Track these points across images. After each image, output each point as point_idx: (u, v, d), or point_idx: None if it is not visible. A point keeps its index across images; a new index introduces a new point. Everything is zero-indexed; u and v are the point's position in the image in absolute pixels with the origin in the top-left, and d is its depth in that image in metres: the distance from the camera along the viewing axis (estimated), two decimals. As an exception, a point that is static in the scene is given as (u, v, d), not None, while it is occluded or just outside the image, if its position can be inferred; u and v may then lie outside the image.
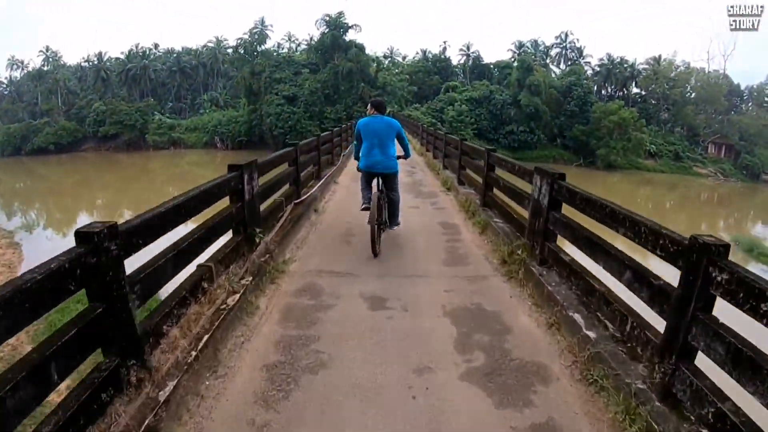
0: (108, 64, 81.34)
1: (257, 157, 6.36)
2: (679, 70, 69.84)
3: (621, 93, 73.00)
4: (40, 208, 35.62)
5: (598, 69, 73.68)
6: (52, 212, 33.99)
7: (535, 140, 54.77)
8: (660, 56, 72.58)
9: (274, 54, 63.40)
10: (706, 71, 72.68)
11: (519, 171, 6.37)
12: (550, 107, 55.23)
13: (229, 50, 74.03)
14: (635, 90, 75.06)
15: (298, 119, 52.28)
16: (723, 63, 74.80)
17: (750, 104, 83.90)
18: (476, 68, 76.98)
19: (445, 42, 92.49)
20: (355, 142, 6.84)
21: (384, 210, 6.56)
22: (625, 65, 72.65)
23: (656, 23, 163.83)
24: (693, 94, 67.94)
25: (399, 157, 6.70)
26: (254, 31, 63.15)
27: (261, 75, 56.04)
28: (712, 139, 66.79)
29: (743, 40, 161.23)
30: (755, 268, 22.71)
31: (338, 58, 54.66)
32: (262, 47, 63.14)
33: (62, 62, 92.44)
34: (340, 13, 56.37)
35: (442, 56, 78.83)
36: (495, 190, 8.06)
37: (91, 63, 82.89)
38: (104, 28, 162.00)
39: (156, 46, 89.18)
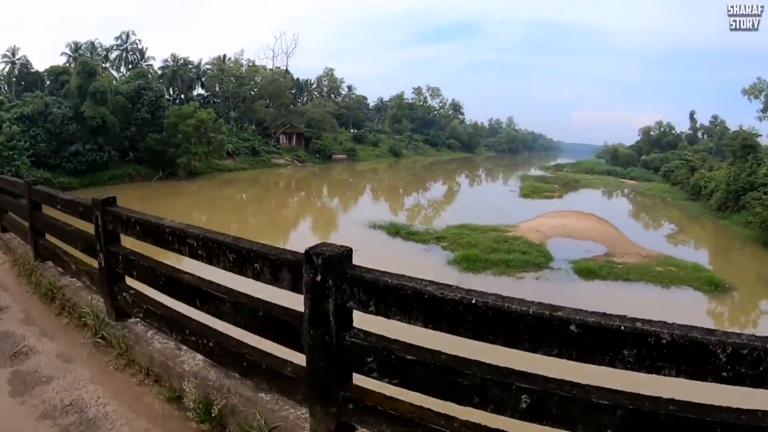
0: None
1: None
2: (245, 68, 73.07)
3: (185, 95, 71.87)
4: None
5: (162, 72, 70.69)
6: None
7: (105, 159, 46.61)
8: (225, 56, 74.64)
9: None
10: (271, 68, 78.13)
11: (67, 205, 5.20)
12: (119, 117, 48.46)
13: None
14: (201, 91, 75.59)
15: None
16: (286, 60, 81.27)
17: (305, 96, 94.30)
18: (25, 78, 65.41)
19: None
20: None
21: None
22: (190, 66, 72.40)
23: (224, 24, 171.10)
24: (260, 90, 71.41)
25: None
26: None
27: None
28: (283, 130, 71.90)
29: (303, 41, 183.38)
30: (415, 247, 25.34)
31: None
32: None
33: None
34: None
35: (-21, 65, 64.73)
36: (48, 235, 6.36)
37: None
38: None
39: None
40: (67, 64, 61.75)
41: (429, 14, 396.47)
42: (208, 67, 73.36)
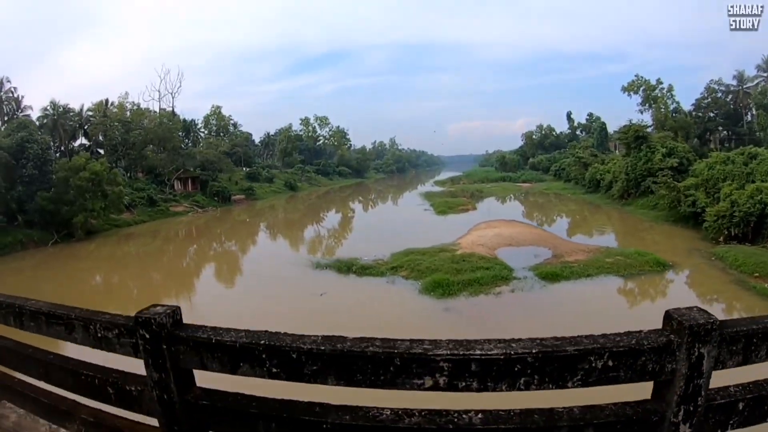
0: None
1: None
2: (129, 112, 69.29)
3: (66, 146, 66.63)
4: None
5: (41, 121, 63.65)
6: None
7: None
8: (107, 100, 70.24)
9: None
10: (156, 110, 74.69)
11: None
12: (2, 176, 42.04)
13: None
14: (83, 140, 70.47)
15: None
16: (171, 101, 78.00)
17: (191, 136, 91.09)
18: None
19: None
20: None
21: None
22: (71, 113, 67.22)
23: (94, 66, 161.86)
24: (149, 135, 67.36)
25: None
26: None
27: None
28: (177, 176, 68.64)
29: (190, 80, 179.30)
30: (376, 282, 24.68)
31: None
32: None
33: None
34: None
35: None
36: None
37: None
38: None
39: None
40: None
41: (299, 46, 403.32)
42: (90, 113, 68.35)
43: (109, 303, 23.81)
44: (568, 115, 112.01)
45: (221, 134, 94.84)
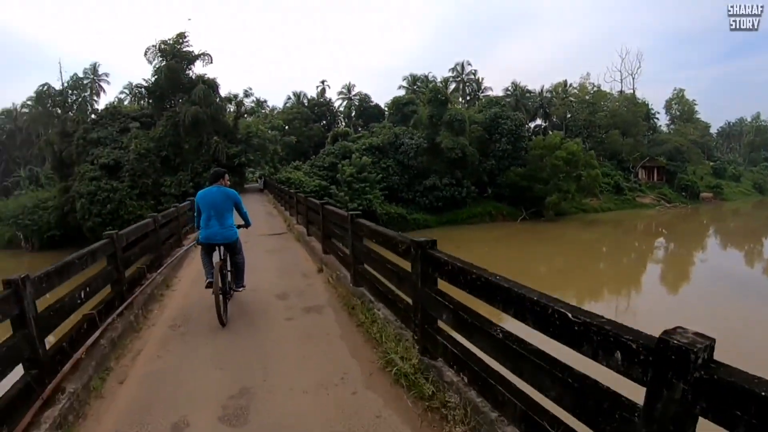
0: None
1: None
2: (591, 94, 62.53)
3: (530, 124, 64.89)
4: None
5: (503, 101, 60.07)
6: None
7: (464, 195, 39.45)
8: (566, 81, 67.07)
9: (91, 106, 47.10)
10: (617, 92, 66.74)
11: (387, 241, 5.29)
12: (476, 148, 41.10)
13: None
14: (538, 121, 68.35)
15: (122, 199, 32.47)
16: (632, 82, 69.02)
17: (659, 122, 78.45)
18: (365, 111, 64.11)
19: (323, 82, 69.39)
20: (195, 214, 6.53)
21: (227, 278, 6.39)
22: (530, 93, 66.89)
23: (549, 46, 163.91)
24: (613, 118, 59.32)
25: (240, 226, 6.73)
26: (84, 80, 47.61)
27: (73, 136, 36.62)
28: (642, 164, 59.50)
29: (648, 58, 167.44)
30: None
31: (180, 104, 36.58)
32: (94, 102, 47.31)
33: None
34: (181, 36, 37.73)
35: (322, 99, 64.54)
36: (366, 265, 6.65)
37: None
38: None
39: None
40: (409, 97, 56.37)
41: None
42: (549, 95, 67.01)
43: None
44: None
45: (683, 121, 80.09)
